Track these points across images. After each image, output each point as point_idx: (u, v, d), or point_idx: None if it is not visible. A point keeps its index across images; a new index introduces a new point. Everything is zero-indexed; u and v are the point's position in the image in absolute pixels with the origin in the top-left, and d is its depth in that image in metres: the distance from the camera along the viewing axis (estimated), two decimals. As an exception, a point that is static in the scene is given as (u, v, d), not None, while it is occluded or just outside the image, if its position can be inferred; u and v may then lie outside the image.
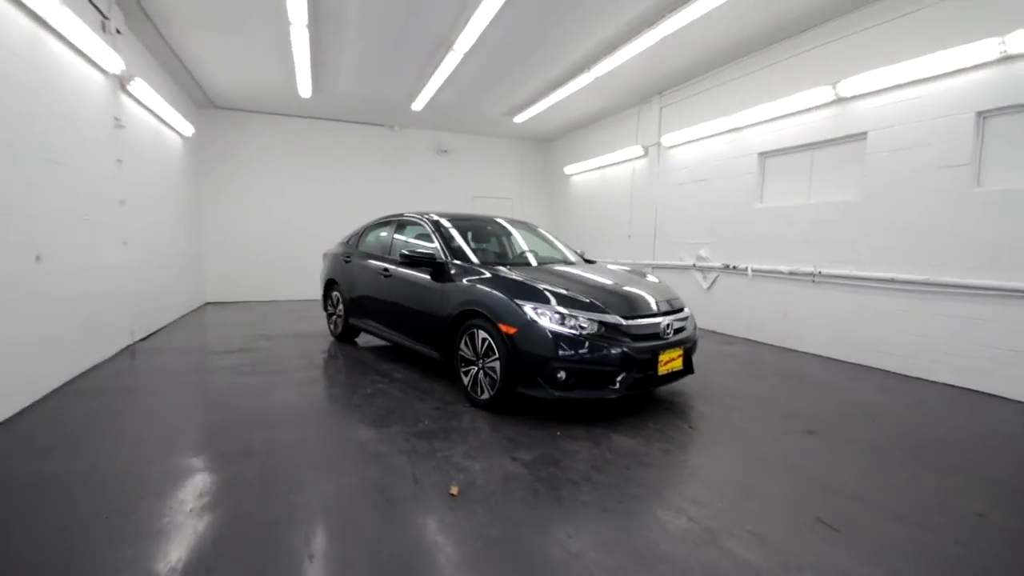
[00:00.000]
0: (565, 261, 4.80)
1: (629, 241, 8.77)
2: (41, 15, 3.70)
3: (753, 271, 6.34)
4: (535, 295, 3.43)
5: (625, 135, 8.83)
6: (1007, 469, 2.89)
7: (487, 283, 3.71)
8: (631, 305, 3.52)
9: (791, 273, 5.82)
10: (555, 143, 11.42)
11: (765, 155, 6.26)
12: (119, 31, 5.09)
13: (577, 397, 3.26)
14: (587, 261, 5.04)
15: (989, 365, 4.14)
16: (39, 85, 3.77)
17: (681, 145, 7.56)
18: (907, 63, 4.55)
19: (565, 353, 3.19)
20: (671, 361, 3.48)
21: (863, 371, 4.91)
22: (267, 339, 6.03)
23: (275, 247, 9.63)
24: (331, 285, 6.05)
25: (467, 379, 3.74)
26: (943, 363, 4.43)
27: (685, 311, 3.85)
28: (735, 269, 6.61)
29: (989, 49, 4.00)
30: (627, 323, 3.35)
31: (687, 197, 7.47)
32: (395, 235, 5.15)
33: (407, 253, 4.30)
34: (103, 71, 4.81)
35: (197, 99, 8.46)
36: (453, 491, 2.41)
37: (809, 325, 5.67)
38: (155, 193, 6.45)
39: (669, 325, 3.54)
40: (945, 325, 4.41)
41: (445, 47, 5.98)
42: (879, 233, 4.94)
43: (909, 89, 4.65)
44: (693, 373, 3.80)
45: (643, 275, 4.43)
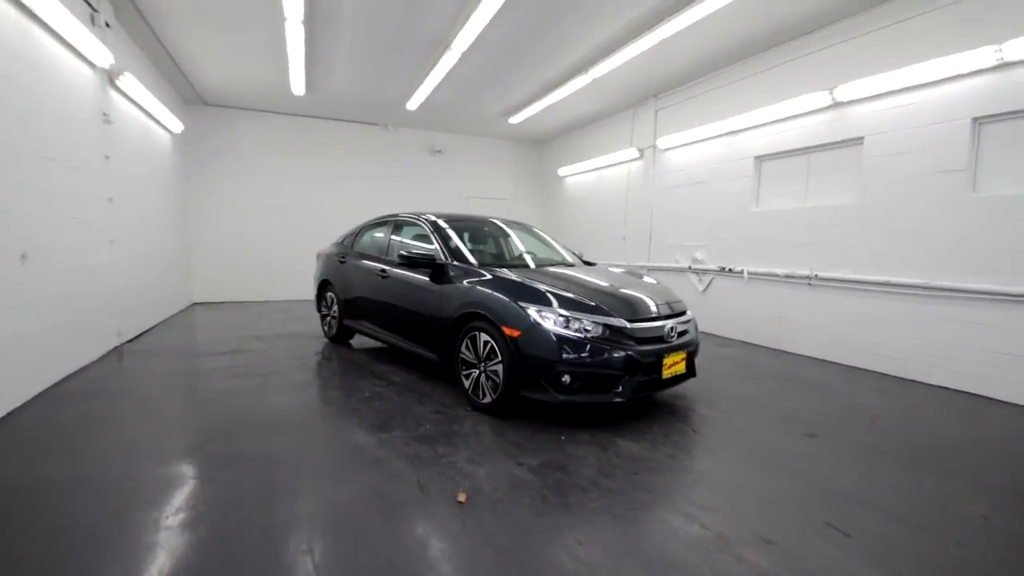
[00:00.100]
0: (564, 263, 4.76)
1: (624, 243, 8.77)
2: (28, 5, 3.57)
3: (749, 274, 6.37)
4: (539, 297, 3.39)
5: (620, 137, 8.83)
6: (1007, 472, 2.91)
7: (488, 285, 3.66)
8: (635, 308, 3.49)
9: (787, 276, 5.85)
10: (549, 144, 11.39)
11: (761, 159, 6.29)
12: (108, 24, 4.96)
13: (581, 401, 3.23)
14: (586, 263, 5.01)
15: (986, 369, 4.18)
16: (26, 78, 3.64)
17: (677, 148, 7.57)
18: (904, 69, 4.59)
19: (569, 356, 3.16)
20: (675, 364, 3.46)
21: (860, 374, 4.95)
22: (259, 340, 5.92)
23: (265, 246, 9.46)
24: (325, 286, 5.96)
25: (468, 382, 3.69)
26: (940, 366, 4.47)
27: (688, 314, 3.84)
28: (731, 272, 6.64)
29: (986, 56, 4.04)
30: (631, 326, 3.32)
31: (683, 200, 7.48)
32: (392, 236, 5.08)
33: (406, 254, 4.23)
34: (92, 65, 4.67)
35: (186, 95, 8.30)
36: (460, 498, 2.36)
37: (805, 328, 5.70)
38: (143, 191, 6.30)
39: (673, 328, 3.52)
40: (942, 329, 4.45)
41: (443, 46, 5.92)
42: (876, 237, 4.97)
43: (906, 95, 4.70)
44: (695, 376, 3.79)
45: (644, 278, 4.42)
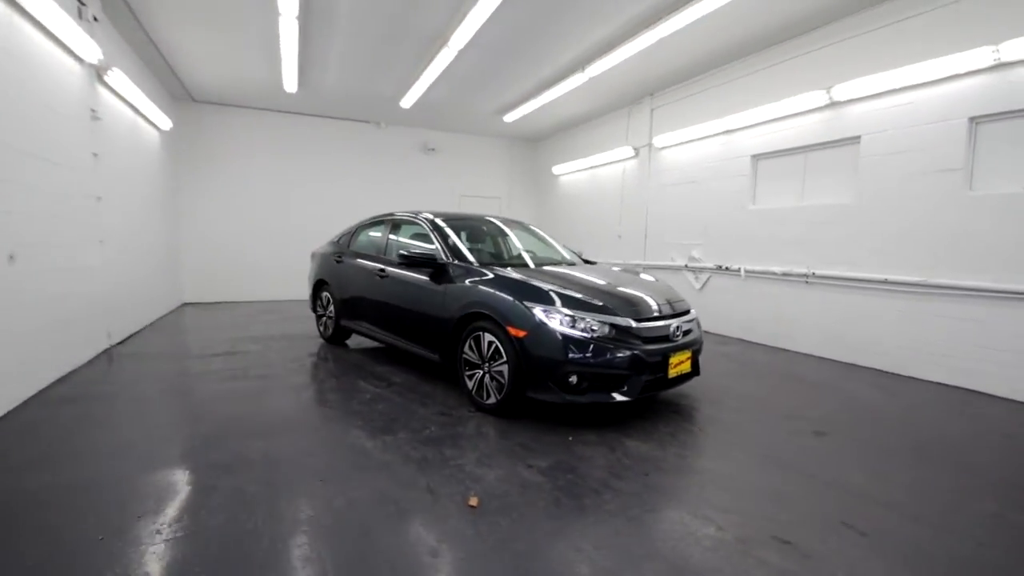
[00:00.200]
0: (565, 262, 4.73)
1: (619, 241, 8.76)
2: (15, -3, 3.46)
3: (746, 272, 6.39)
4: (544, 297, 3.35)
5: (615, 136, 8.82)
6: (1013, 468, 2.94)
7: (492, 284, 3.62)
8: (640, 307, 3.47)
9: (784, 274, 5.88)
10: (543, 143, 11.36)
11: (758, 157, 6.31)
12: (96, 18, 4.82)
13: (588, 401, 3.20)
14: (587, 262, 4.98)
15: (983, 365, 4.22)
16: (12, 72, 3.51)
17: (673, 146, 7.57)
18: (902, 69, 4.62)
19: (576, 356, 3.12)
20: (681, 364, 3.44)
21: (858, 371, 4.98)
22: (254, 341, 5.81)
23: (255, 245, 9.30)
24: (321, 286, 5.87)
25: (471, 383, 3.64)
26: (938, 363, 4.52)
27: (692, 313, 3.82)
28: (728, 270, 6.66)
29: (983, 56, 4.08)
30: (638, 326, 3.30)
31: (679, 198, 7.48)
32: (390, 235, 5.01)
33: (406, 254, 4.17)
34: (80, 60, 4.54)
35: (175, 92, 8.13)
36: (472, 502, 2.31)
37: (802, 325, 5.73)
38: (132, 189, 6.15)
39: (679, 327, 3.51)
40: (940, 326, 4.49)
41: (440, 42, 5.85)
42: (873, 235, 5.01)
43: (903, 94, 4.73)
44: (699, 375, 3.78)
45: (647, 277, 4.40)
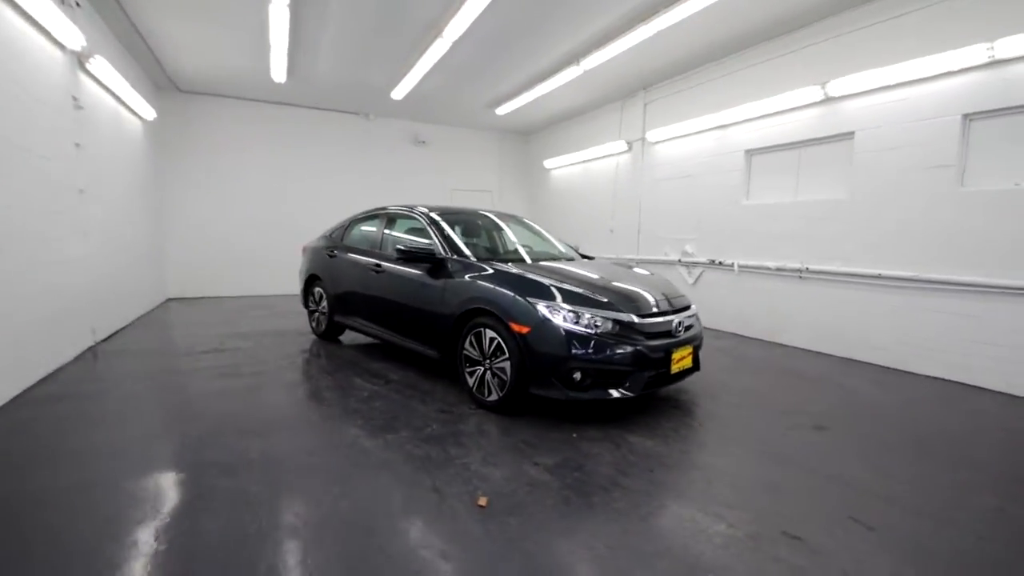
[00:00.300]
0: (562, 257, 4.69)
1: (612, 236, 8.76)
2: (-7, -20, 3.31)
3: (739, 267, 6.42)
4: (546, 292, 3.32)
5: (607, 130, 8.79)
6: (1012, 462, 2.98)
7: (492, 280, 3.57)
8: (643, 303, 3.45)
9: (778, 269, 5.92)
10: (535, 136, 11.29)
11: (752, 152, 6.33)
12: (78, 4, 4.64)
13: (591, 398, 3.18)
14: (584, 256, 4.96)
15: (979, 360, 4.28)
16: (-9, 58, 3.37)
17: (666, 141, 7.56)
18: (897, 65, 4.65)
19: (580, 352, 3.10)
20: (683, 359, 3.44)
21: (854, 365, 5.03)
22: (243, 338, 5.69)
23: (242, 239, 9.10)
24: (313, 281, 5.76)
25: (472, 380, 3.60)
26: (934, 358, 4.57)
27: (692, 308, 3.82)
28: (721, 265, 6.69)
29: (978, 53, 4.11)
30: (641, 321, 3.29)
31: (672, 193, 7.49)
32: (385, 229, 4.92)
33: (403, 248, 4.11)
34: (62, 47, 4.36)
35: (158, 81, 7.89)
36: (481, 502, 2.28)
37: (796, 320, 5.78)
38: (115, 181, 5.96)
39: (681, 323, 3.50)
40: (934, 320, 4.55)
41: (434, 33, 5.75)
42: (867, 231, 5.05)
43: (897, 90, 4.76)
44: (699, 371, 3.78)
45: (646, 272, 4.38)
